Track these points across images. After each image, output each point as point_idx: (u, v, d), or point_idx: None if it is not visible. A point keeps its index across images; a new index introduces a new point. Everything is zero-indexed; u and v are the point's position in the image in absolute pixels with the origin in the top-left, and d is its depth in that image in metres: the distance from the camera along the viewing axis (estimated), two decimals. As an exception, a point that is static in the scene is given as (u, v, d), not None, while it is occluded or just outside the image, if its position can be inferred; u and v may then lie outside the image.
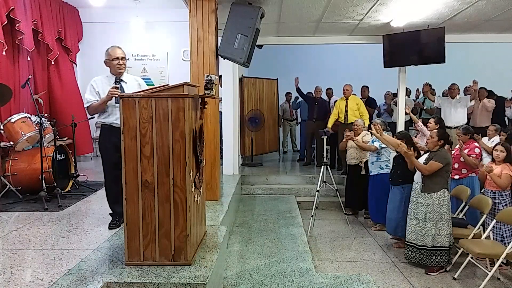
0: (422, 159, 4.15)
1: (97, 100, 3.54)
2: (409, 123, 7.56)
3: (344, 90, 7.01)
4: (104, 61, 3.62)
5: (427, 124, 5.45)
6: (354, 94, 7.32)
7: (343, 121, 6.97)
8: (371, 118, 7.38)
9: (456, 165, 4.81)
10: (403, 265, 4.29)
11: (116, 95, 3.36)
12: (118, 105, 3.30)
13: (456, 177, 4.82)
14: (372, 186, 5.34)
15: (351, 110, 6.90)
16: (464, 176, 4.81)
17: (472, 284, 3.85)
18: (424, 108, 8.01)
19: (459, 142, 4.93)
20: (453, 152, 4.90)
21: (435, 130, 4.17)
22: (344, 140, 5.77)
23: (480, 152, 4.88)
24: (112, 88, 3.42)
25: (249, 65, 4.78)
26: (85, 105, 3.61)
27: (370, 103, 8.09)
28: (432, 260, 4.03)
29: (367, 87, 8.25)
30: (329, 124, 7.15)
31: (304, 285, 3.45)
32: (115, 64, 3.56)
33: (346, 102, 6.97)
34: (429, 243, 4.01)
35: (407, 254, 4.23)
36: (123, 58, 3.59)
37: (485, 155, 5.05)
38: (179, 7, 5.77)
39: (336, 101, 7.97)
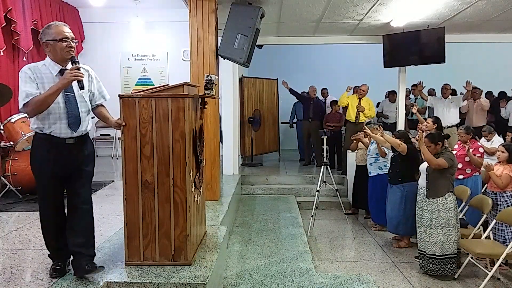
0: (425, 164, 4.10)
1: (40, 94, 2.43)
2: (409, 124, 7.55)
3: (360, 90, 6.89)
4: (45, 43, 2.53)
5: (425, 124, 5.44)
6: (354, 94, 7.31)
7: (353, 121, 6.92)
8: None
9: (460, 165, 4.77)
10: (403, 265, 4.29)
11: (81, 78, 2.44)
12: (72, 103, 2.52)
13: (460, 177, 4.79)
14: (372, 187, 5.34)
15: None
16: (469, 176, 4.77)
17: (472, 284, 3.85)
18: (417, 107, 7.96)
19: (459, 142, 4.93)
20: (455, 152, 4.89)
21: (427, 139, 4.08)
22: (354, 141, 5.80)
23: (484, 151, 4.88)
24: (73, 69, 2.43)
25: (249, 65, 4.79)
26: (23, 101, 2.40)
27: None
28: (442, 268, 3.88)
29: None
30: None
31: (304, 285, 3.45)
32: (64, 47, 2.48)
33: (359, 101, 6.87)
34: (438, 251, 3.86)
35: (421, 264, 4.07)
36: (74, 40, 2.55)
37: (486, 157, 5.06)
38: (179, 7, 5.77)
39: (333, 100, 7.98)
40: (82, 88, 2.49)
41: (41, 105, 2.40)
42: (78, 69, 2.44)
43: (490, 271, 3.71)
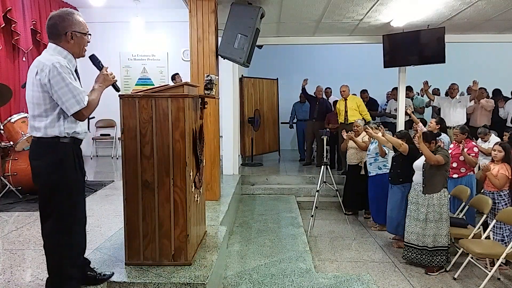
0: (421, 160, 4.15)
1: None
2: (409, 123, 7.56)
3: (340, 91, 7.01)
4: (71, 33, 2.22)
5: (428, 124, 5.45)
6: (354, 94, 7.34)
7: (343, 121, 6.97)
8: (373, 119, 7.42)
9: (454, 164, 4.81)
10: (403, 265, 4.29)
11: (116, 80, 2.42)
12: None
13: (455, 176, 4.83)
14: (372, 187, 5.34)
15: (351, 110, 6.89)
16: (463, 175, 4.82)
17: (472, 284, 3.86)
18: (414, 107, 7.97)
19: (454, 141, 4.94)
20: (450, 151, 4.91)
21: (420, 137, 4.12)
22: (344, 141, 5.78)
23: (479, 151, 4.90)
24: (106, 69, 2.37)
25: (249, 65, 4.79)
26: (86, 101, 2.17)
27: (371, 105, 8.08)
28: (432, 260, 4.04)
29: (365, 90, 8.27)
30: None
31: (304, 285, 3.45)
32: (85, 43, 2.32)
33: (345, 102, 6.96)
34: (430, 244, 4.02)
35: (405, 255, 4.24)
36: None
37: (482, 157, 5.06)
38: (179, 7, 5.77)
39: (335, 100, 8.00)
40: (118, 90, 2.46)
41: (95, 106, 2.25)
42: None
43: (490, 271, 3.72)
